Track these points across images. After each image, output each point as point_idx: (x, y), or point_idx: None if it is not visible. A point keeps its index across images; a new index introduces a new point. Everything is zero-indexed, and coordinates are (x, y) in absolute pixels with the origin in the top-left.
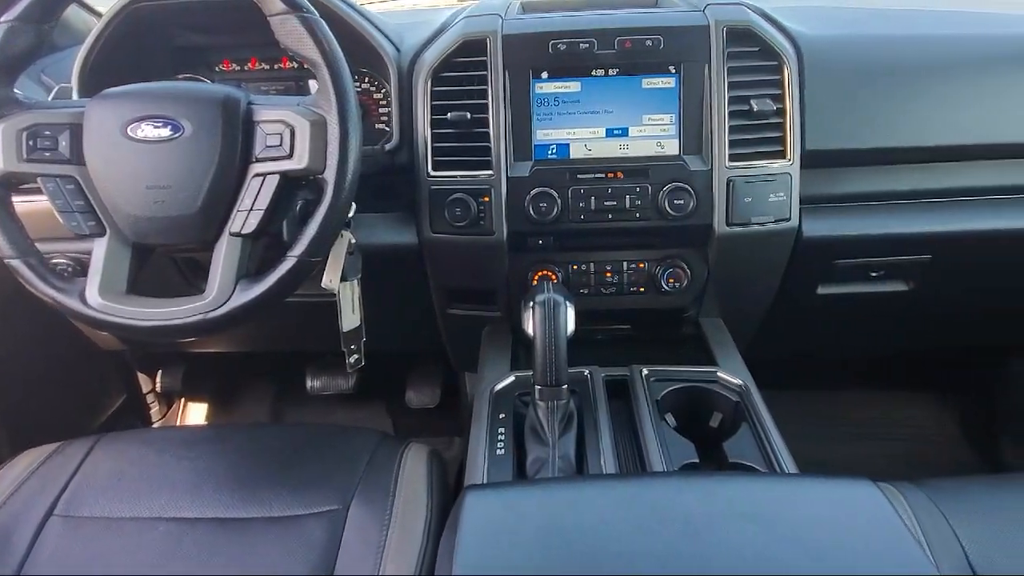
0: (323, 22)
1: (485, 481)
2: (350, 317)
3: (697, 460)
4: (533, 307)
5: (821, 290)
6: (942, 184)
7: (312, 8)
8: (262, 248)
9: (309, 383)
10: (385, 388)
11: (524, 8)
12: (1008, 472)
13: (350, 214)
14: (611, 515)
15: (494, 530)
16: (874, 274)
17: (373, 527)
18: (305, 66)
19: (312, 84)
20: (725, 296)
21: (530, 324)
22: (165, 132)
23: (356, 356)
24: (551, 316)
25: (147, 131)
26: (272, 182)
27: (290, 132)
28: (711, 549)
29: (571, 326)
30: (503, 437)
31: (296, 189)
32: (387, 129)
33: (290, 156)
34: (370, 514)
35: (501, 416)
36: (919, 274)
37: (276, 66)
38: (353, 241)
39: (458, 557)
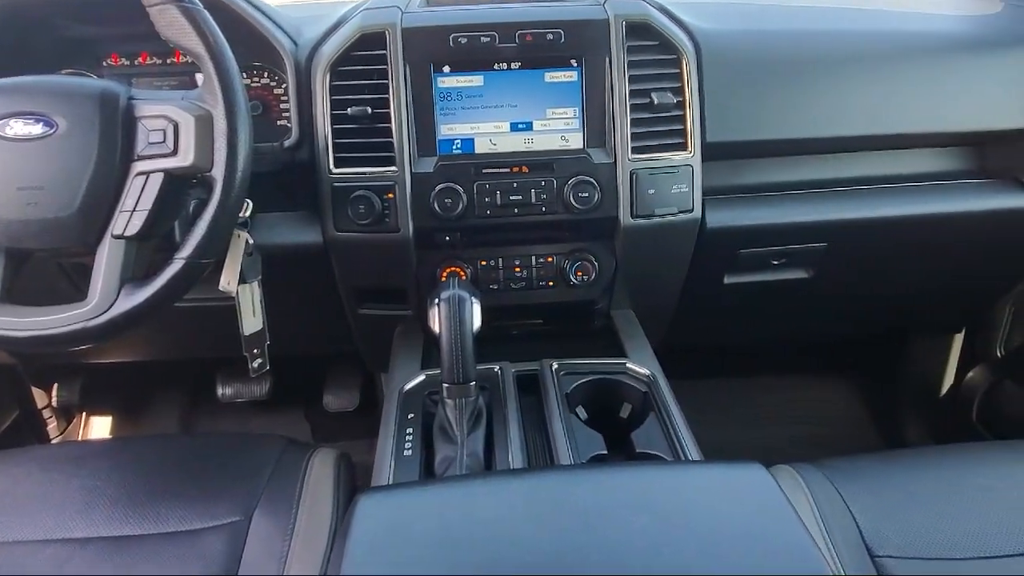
0: (205, 12)
1: (391, 483)
2: (251, 320)
3: (605, 451)
4: (438, 304)
5: (727, 279)
6: (837, 174)
7: None
8: (151, 251)
9: (220, 391)
10: (302, 392)
11: (428, 1)
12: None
13: (246, 213)
14: (504, 512)
15: (385, 534)
16: (776, 262)
17: (276, 536)
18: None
19: (200, 78)
20: (634, 288)
21: (435, 322)
22: (37, 129)
23: (260, 361)
24: (456, 313)
25: (17, 128)
26: (156, 181)
27: (173, 128)
28: (603, 541)
29: (477, 322)
30: (411, 437)
31: (187, 188)
32: (289, 125)
33: (174, 153)
34: (273, 524)
35: (410, 416)
36: (818, 261)
37: (168, 60)
38: (251, 241)
39: (346, 563)
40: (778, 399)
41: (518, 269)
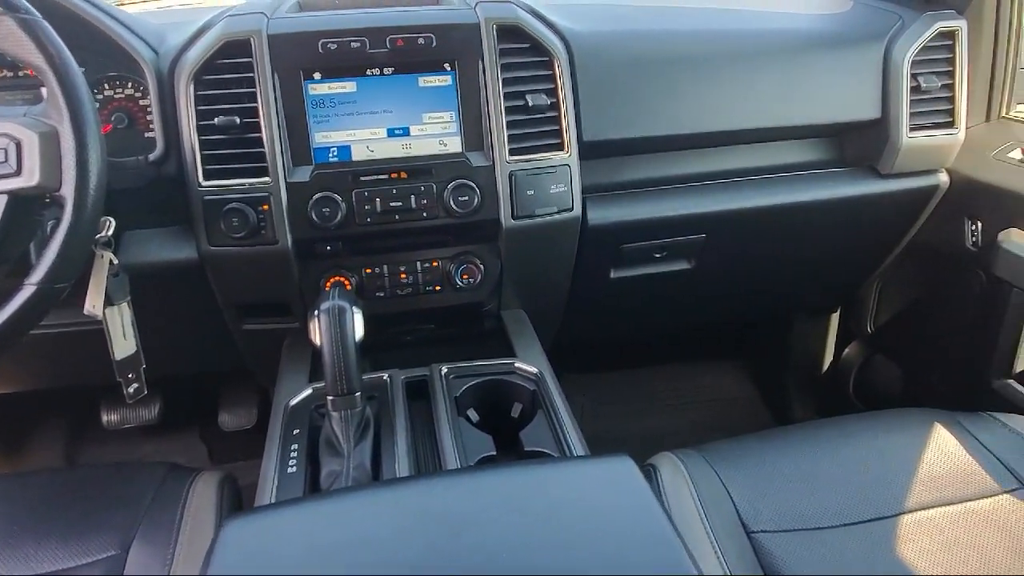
0: (44, 23)
1: (272, 502)
2: (123, 344)
3: (494, 452)
4: (317, 316)
5: (614, 274)
6: (712, 167)
7: (31, 8)
8: (2, 276)
9: (105, 418)
10: (196, 413)
11: (301, 6)
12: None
13: (108, 232)
14: (371, 526)
15: (247, 561)
16: (658, 255)
17: (154, 568)
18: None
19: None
20: (522, 287)
21: (316, 334)
22: None
23: (136, 386)
24: (336, 324)
25: None
26: None
27: (16, 146)
28: (469, 547)
29: (360, 332)
30: (296, 454)
31: (39, 209)
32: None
33: (18, 173)
34: (152, 554)
35: (295, 432)
36: (697, 252)
37: (21, 73)
38: (116, 261)
39: None
40: (675, 386)
41: (404, 275)
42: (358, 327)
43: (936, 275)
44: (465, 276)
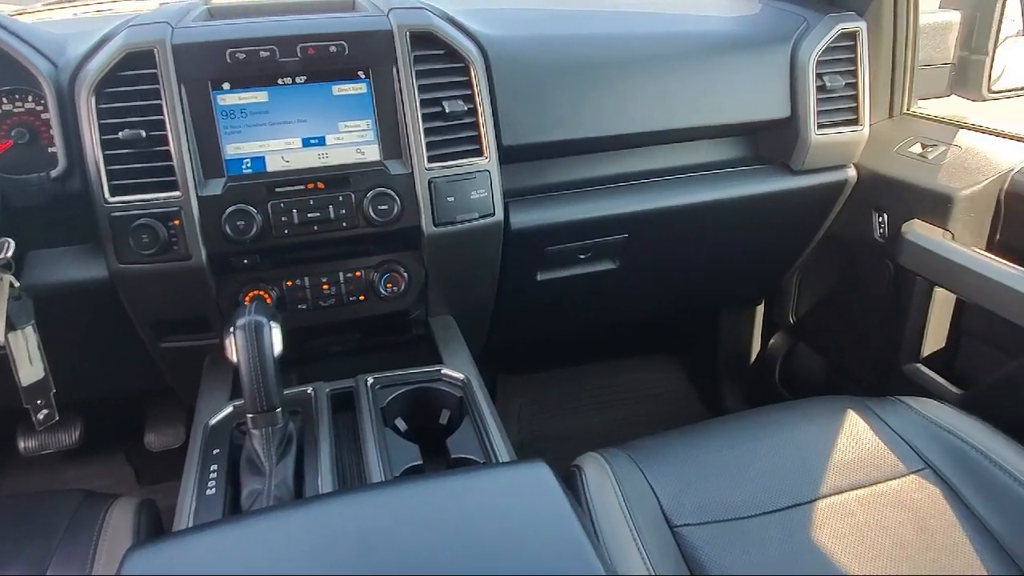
0: None
1: (191, 525)
2: (29, 369)
3: (420, 462)
4: (234, 332)
5: (540, 276)
6: (634, 168)
7: None
8: None
9: (22, 444)
10: (120, 434)
11: (211, 14)
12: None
13: (6, 253)
14: (282, 547)
15: None
16: (582, 256)
17: None
18: None
19: None
20: (449, 293)
21: (233, 351)
22: None
23: (46, 412)
24: (253, 339)
25: None
26: None
27: None
28: (380, 563)
29: (278, 347)
30: (215, 474)
31: None
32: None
33: None
34: None
35: (215, 452)
36: (620, 252)
37: None
38: (17, 284)
39: None
40: (610, 383)
41: (326, 286)
42: (276, 342)
43: (850, 266)
44: (389, 285)
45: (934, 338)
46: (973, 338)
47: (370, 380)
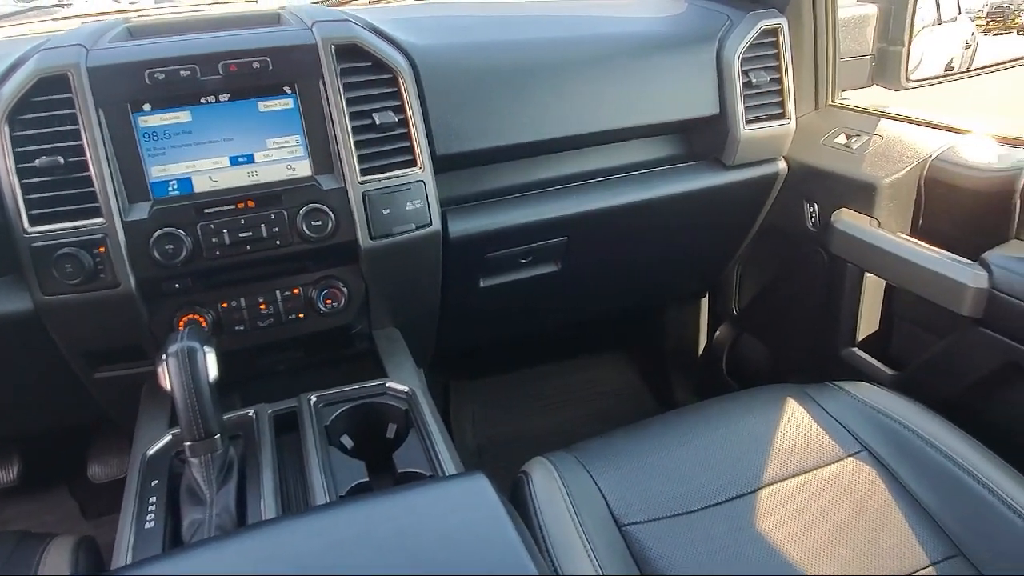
0: None
1: (129, 561)
2: None
3: (366, 479)
4: (166, 360)
5: (483, 283)
6: (572, 170)
7: None
8: None
9: None
10: (63, 468)
11: (131, 33)
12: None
13: None
14: None
15: None
16: (524, 261)
17: None
18: None
19: None
20: (391, 305)
21: (166, 378)
22: None
23: None
24: (186, 366)
25: None
26: None
27: None
28: None
29: (213, 372)
30: (154, 506)
31: None
32: None
33: None
34: None
35: (154, 483)
36: (561, 255)
37: None
38: None
39: None
40: (563, 383)
41: (263, 306)
42: (211, 367)
43: (786, 256)
44: (328, 301)
45: (867, 323)
46: (904, 320)
47: (313, 399)
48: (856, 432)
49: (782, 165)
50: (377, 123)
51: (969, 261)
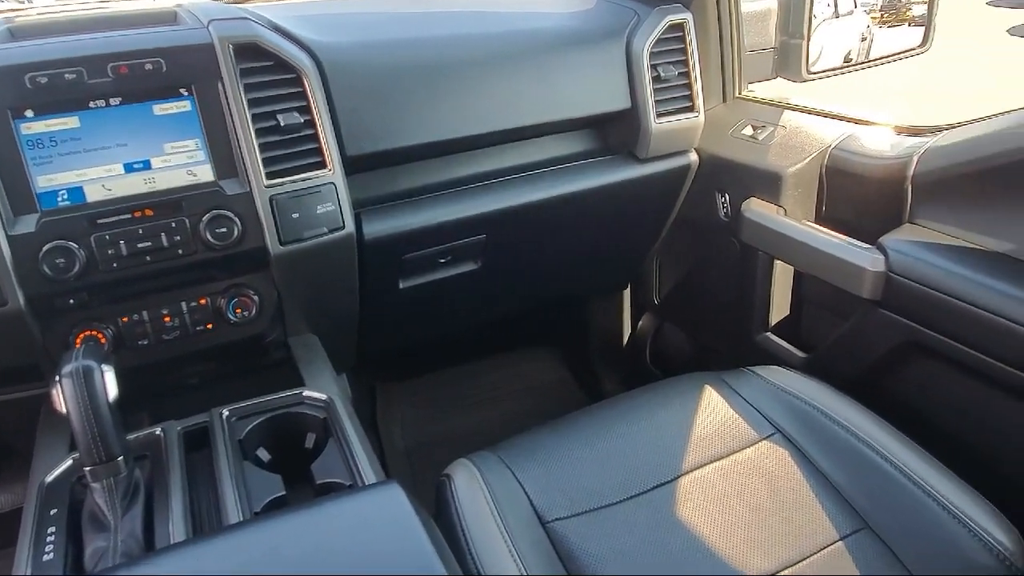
0: None
1: None
2: None
3: (283, 493)
4: (59, 381)
5: (403, 284)
6: (485, 168)
7: None
8: None
9: None
10: None
11: (13, 34)
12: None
13: None
14: None
15: None
16: (443, 260)
17: None
18: None
19: None
20: (307, 311)
21: (60, 401)
22: None
23: None
24: (82, 386)
25: None
26: None
27: None
28: None
29: (113, 391)
30: (53, 537)
31: None
32: None
33: None
34: None
35: (53, 512)
36: (481, 253)
37: None
38: None
39: None
40: (493, 379)
41: (168, 318)
42: (110, 386)
43: (702, 246)
44: (239, 310)
45: (779, 308)
46: (812, 305)
47: (225, 412)
48: (769, 415)
49: (693, 157)
50: (282, 125)
51: (867, 246)
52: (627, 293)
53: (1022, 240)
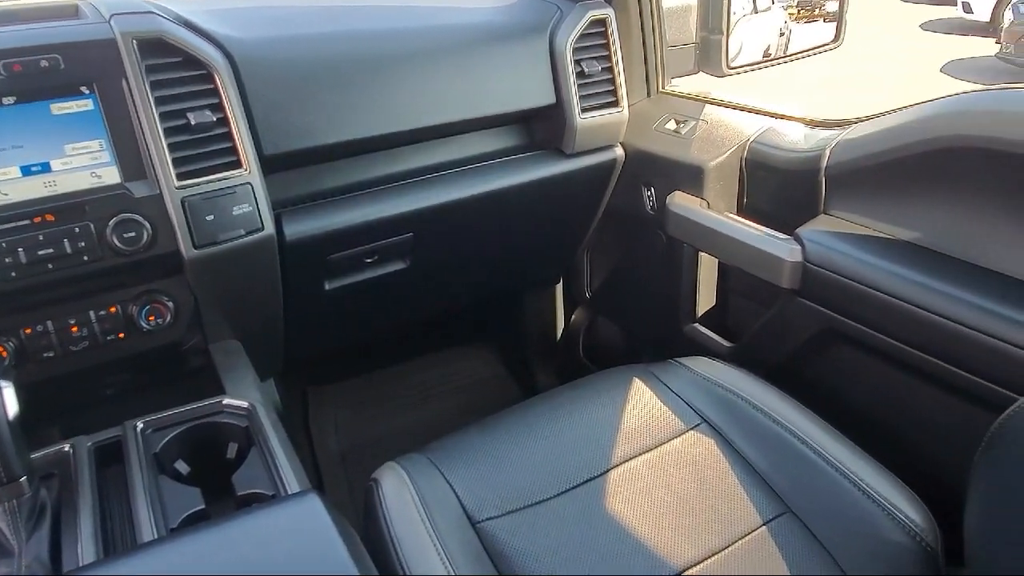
0: None
1: None
2: None
3: (203, 507)
4: None
5: (328, 286)
6: (412, 165)
7: None
8: None
9: None
10: None
11: None
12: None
13: None
14: None
15: None
16: (369, 260)
17: None
18: None
19: None
20: (228, 316)
21: None
22: None
23: None
24: None
25: None
26: None
27: None
28: None
29: (12, 408)
30: None
31: None
32: None
33: None
34: None
35: None
36: (409, 251)
37: None
38: None
39: None
40: (426, 378)
41: (75, 328)
42: (9, 403)
43: (630, 239)
44: (152, 318)
45: (705, 299)
46: (736, 295)
47: (140, 425)
48: (696, 406)
49: (619, 152)
50: (193, 123)
51: (786, 236)
52: (559, 288)
53: (927, 229)
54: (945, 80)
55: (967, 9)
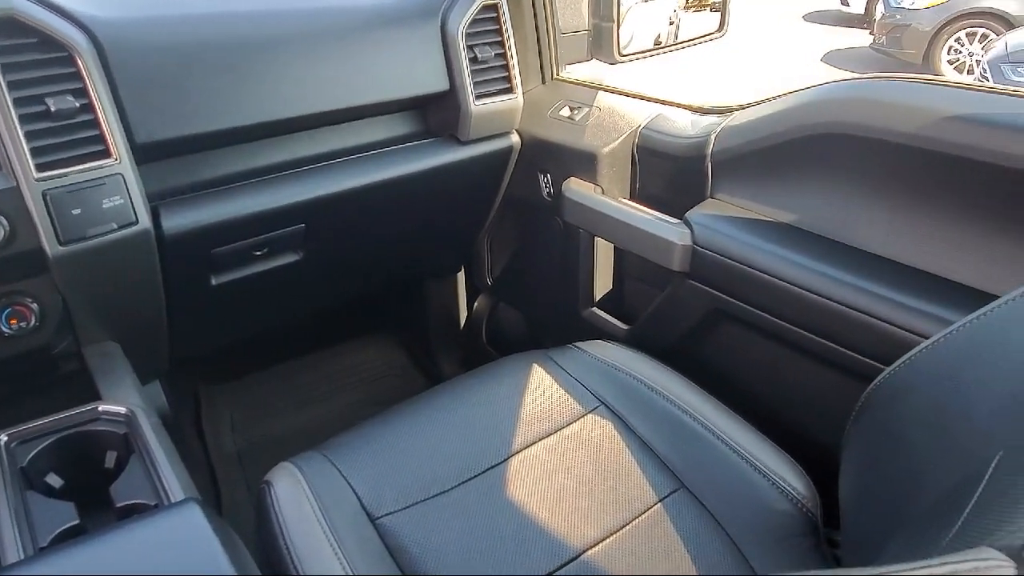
0: None
1: None
2: None
3: (77, 521)
4: None
5: (215, 281)
6: (302, 153)
7: None
8: None
9: None
10: None
11: None
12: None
13: None
14: None
15: None
16: (258, 253)
17: None
18: None
19: None
20: (103, 318)
21: None
22: None
23: None
24: None
25: None
26: None
27: None
28: None
29: None
30: None
31: None
32: None
33: None
34: None
35: None
36: (301, 243)
37: None
38: None
39: None
40: (327, 372)
41: None
42: None
43: (529, 225)
44: (14, 321)
45: (602, 283)
46: (632, 279)
47: (4, 438)
48: (594, 389)
49: (515, 139)
50: (52, 110)
51: (676, 220)
52: (461, 275)
53: (805, 212)
54: (824, 68)
55: (844, 2)
